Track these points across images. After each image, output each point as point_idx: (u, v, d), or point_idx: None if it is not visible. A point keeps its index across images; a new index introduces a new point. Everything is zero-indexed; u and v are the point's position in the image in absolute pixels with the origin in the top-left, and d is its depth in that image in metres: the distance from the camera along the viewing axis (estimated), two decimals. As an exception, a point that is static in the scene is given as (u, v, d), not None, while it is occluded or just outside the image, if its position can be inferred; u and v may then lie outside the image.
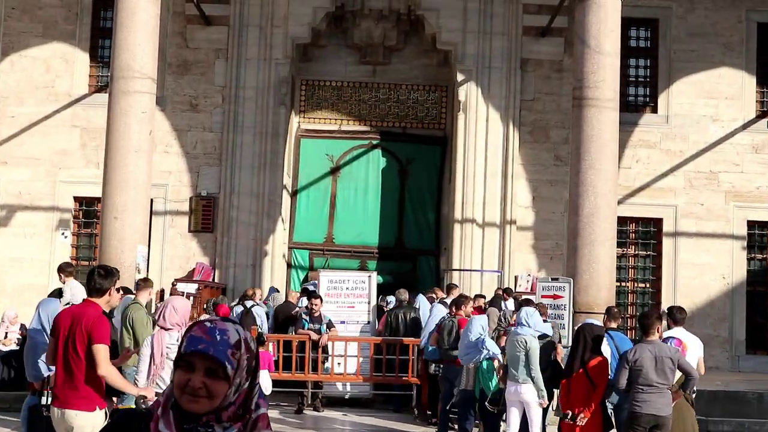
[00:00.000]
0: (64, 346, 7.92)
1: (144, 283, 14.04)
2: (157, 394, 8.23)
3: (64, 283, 13.95)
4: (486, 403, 12.88)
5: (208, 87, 23.11)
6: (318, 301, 17.61)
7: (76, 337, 7.83)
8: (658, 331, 10.97)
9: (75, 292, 13.50)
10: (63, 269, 14.32)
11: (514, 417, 12.37)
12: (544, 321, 13.91)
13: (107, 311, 9.65)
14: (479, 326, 13.78)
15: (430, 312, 17.60)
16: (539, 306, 14.90)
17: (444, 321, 15.14)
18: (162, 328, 8.90)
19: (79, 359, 7.81)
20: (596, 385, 10.92)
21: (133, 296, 13.74)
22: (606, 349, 12.11)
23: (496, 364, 13.15)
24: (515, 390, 11.95)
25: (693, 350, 12.25)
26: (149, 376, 8.84)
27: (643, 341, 10.80)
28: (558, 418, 12.09)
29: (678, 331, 12.11)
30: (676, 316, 12.30)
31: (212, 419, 2.96)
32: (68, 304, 12.87)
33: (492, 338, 13.84)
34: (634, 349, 10.75)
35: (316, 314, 17.61)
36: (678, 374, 10.85)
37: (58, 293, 13.40)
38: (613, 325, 13.00)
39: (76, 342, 7.83)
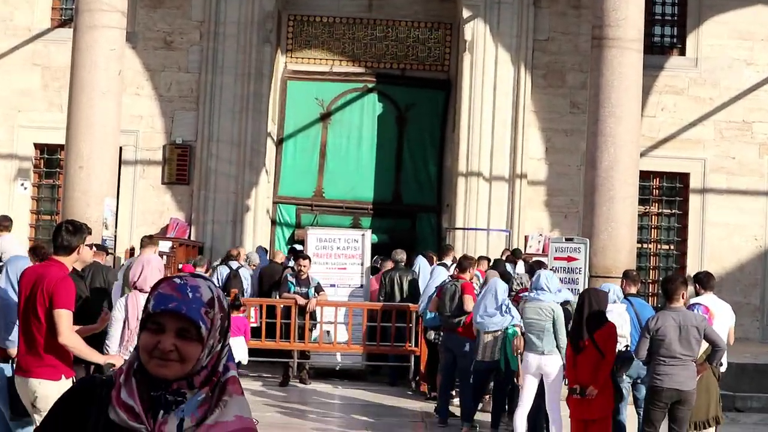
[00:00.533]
0: (25, 309, 7.90)
1: (149, 240, 14.28)
2: None
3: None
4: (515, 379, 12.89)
5: (185, 22, 22.98)
6: (306, 261, 17.62)
7: (37, 299, 7.79)
8: (683, 297, 11.00)
9: (6, 248, 13.54)
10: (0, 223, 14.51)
11: (530, 390, 12.35)
12: None
13: (79, 270, 9.66)
14: (503, 290, 13.84)
15: (431, 275, 17.61)
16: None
17: (445, 285, 15.07)
18: (137, 289, 8.89)
19: (41, 324, 7.78)
20: (605, 354, 10.91)
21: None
22: (625, 316, 12.14)
23: (518, 331, 13.18)
24: (537, 362, 11.86)
25: (722, 319, 12.29)
26: (122, 342, 8.84)
27: (667, 308, 10.86)
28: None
29: (706, 298, 12.12)
30: (703, 281, 12.27)
31: (183, 385, 2.93)
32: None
33: None
34: (656, 317, 10.79)
35: (304, 276, 17.64)
36: (704, 345, 10.90)
37: None
38: (633, 290, 13.00)
39: (36, 305, 7.79)
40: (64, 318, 7.73)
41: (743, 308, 22.93)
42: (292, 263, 18.91)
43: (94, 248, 12.92)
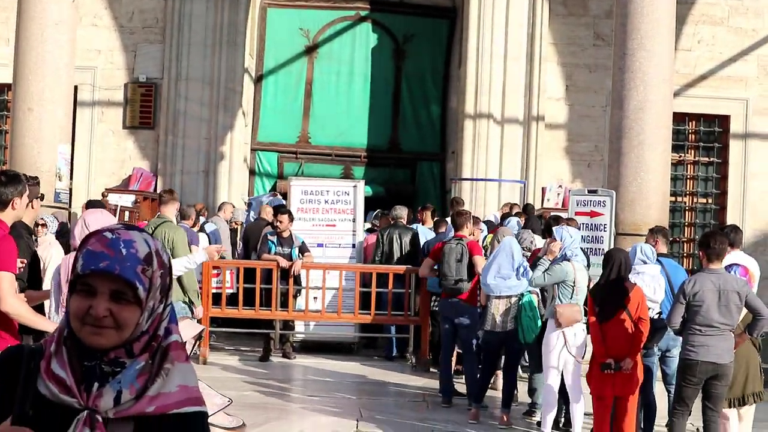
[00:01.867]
0: None
1: (170, 195, 14.36)
2: None
3: None
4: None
5: (148, -60, 22.90)
6: (285, 217, 17.57)
7: None
8: (720, 258, 10.92)
9: None
10: None
11: (554, 365, 12.40)
12: None
13: (29, 226, 9.60)
14: (519, 250, 13.83)
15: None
16: (570, 222, 15.02)
17: (450, 244, 15.00)
18: (75, 249, 8.87)
19: None
20: (639, 321, 11.04)
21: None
22: (659, 280, 12.14)
23: (535, 299, 13.23)
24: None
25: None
26: (58, 308, 8.83)
27: (705, 270, 10.82)
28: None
29: (734, 257, 11.99)
30: (731, 236, 12.14)
31: (121, 353, 2.90)
32: None
33: None
34: (693, 280, 10.79)
35: (286, 235, 17.63)
36: (743, 313, 10.94)
37: None
38: (664, 249, 12.96)
39: None
40: (5, 282, 7.68)
41: (791, 270, 23.05)
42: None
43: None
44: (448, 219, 17.95)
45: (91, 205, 13.99)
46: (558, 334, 12.21)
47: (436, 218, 19.17)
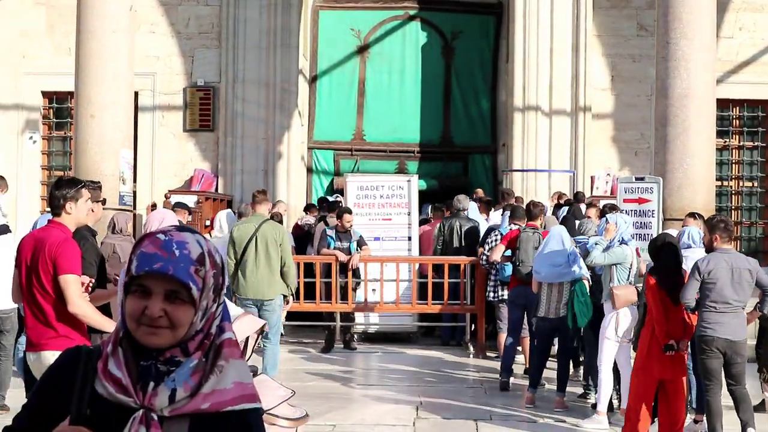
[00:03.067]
0: (28, 279, 7.90)
1: (263, 195, 14.45)
2: None
3: None
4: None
5: (202, -51, 22.99)
6: (350, 216, 17.71)
7: (40, 267, 7.80)
8: (729, 238, 11.33)
9: None
10: None
11: (610, 348, 12.41)
12: None
13: (91, 228, 9.64)
14: (569, 238, 13.83)
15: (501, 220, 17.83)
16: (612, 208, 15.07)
17: (527, 233, 14.96)
18: None
19: (47, 294, 7.80)
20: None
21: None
22: None
23: (586, 284, 13.20)
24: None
25: None
26: None
27: (718, 250, 11.05)
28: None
29: None
30: (717, 225, 12.19)
31: (177, 353, 2.91)
32: None
33: None
34: (707, 259, 11.00)
35: (345, 229, 17.68)
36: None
37: None
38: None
39: (40, 273, 7.80)
40: (71, 284, 7.73)
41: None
42: (311, 219, 19.14)
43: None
44: (495, 208, 18.02)
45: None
46: (613, 316, 12.21)
47: (478, 205, 19.29)
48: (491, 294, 16.44)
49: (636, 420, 11.13)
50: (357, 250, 17.71)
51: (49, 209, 8.48)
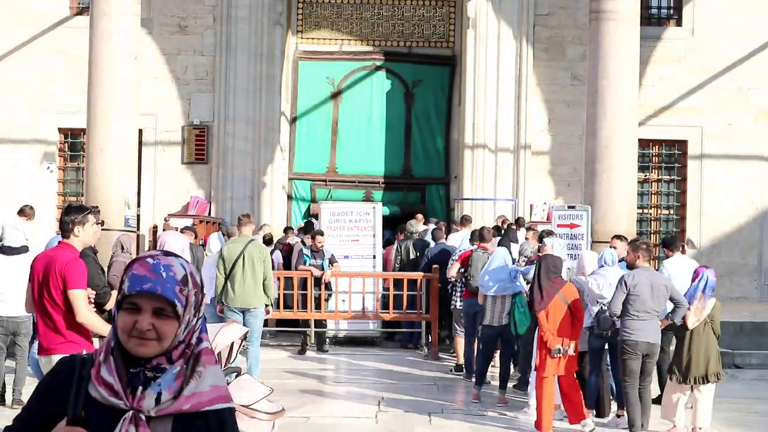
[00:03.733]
0: (39, 292, 7.92)
1: (247, 218, 14.40)
2: None
3: (18, 219, 14.83)
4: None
5: (198, 7, 22.95)
6: (323, 238, 17.76)
7: (51, 282, 7.83)
8: (647, 258, 11.62)
9: (6, 226, 13.86)
10: (20, 212, 16.01)
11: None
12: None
13: (93, 247, 9.64)
14: (510, 257, 13.99)
15: (440, 239, 18.19)
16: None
17: (478, 253, 14.98)
18: None
19: (57, 306, 7.83)
20: (577, 310, 11.39)
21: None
22: (611, 280, 12.13)
23: (525, 297, 13.32)
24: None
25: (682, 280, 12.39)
26: None
27: (641, 268, 11.35)
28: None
29: (675, 260, 12.55)
30: (669, 243, 12.45)
31: (162, 360, 2.93)
32: (4, 243, 13.27)
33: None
34: (632, 275, 11.22)
35: (318, 248, 17.74)
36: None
37: None
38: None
39: (51, 287, 7.83)
40: (79, 298, 7.76)
41: (741, 269, 23.01)
42: (295, 239, 19.18)
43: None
44: (455, 232, 18.08)
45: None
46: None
47: (433, 229, 19.30)
48: (456, 304, 16.38)
49: (541, 411, 11.38)
50: (329, 266, 17.74)
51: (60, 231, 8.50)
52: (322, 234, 17.97)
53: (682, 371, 11.17)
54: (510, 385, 13.73)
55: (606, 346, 12.33)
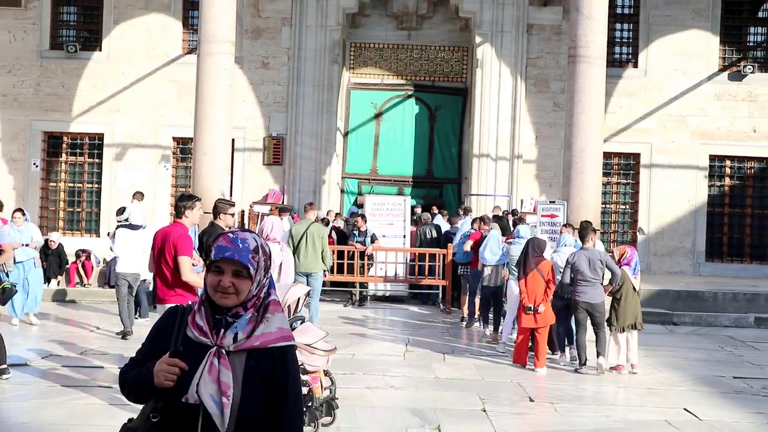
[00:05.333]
0: (158, 257, 8.10)
1: (310, 206, 14.33)
2: None
3: (133, 201, 15.17)
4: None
5: (277, 49, 23.08)
6: (360, 220, 18.11)
7: (166, 250, 8.01)
8: (591, 240, 11.81)
9: (134, 212, 14.14)
10: (134, 196, 16.57)
11: (515, 304, 12.79)
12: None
13: (196, 226, 9.79)
14: (501, 238, 14.30)
15: (453, 225, 18.53)
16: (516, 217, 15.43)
17: (486, 234, 15.10)
18: (268, 239, 9.38)
19: (169, 267, 8.01)
20: (549, 281, 11.53)
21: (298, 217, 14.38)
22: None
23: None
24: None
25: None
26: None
27: (581, 249, 11.73)
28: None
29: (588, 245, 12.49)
30: (584, 232, 12.26)
31: (240, 309, 2.95)
32: (126, 220, 13.58)
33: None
34: (574, 255, 11.62)
35: (363, 229, 17.87)
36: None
37: (121, 210, 14.22)
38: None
39: (165, 254, 8.01)
40: (185, 262, 7.92)
41: (679, 251, 22.94)
42: (340, 223, 19.44)
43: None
44: (462, 218, 18.14)
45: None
46: (515, 287, 12.61)
47: (448, 217, 19.52)
48: (461, 270, 16.49)
49: (520, 348, 11.78)
50: (371, 243, 17.87)
51: (175, 213, 8.69)
52: (364, 219, 18.12)
53: (618, 322, 11.45)
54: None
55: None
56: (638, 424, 8.60)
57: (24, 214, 14.16)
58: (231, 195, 19.60)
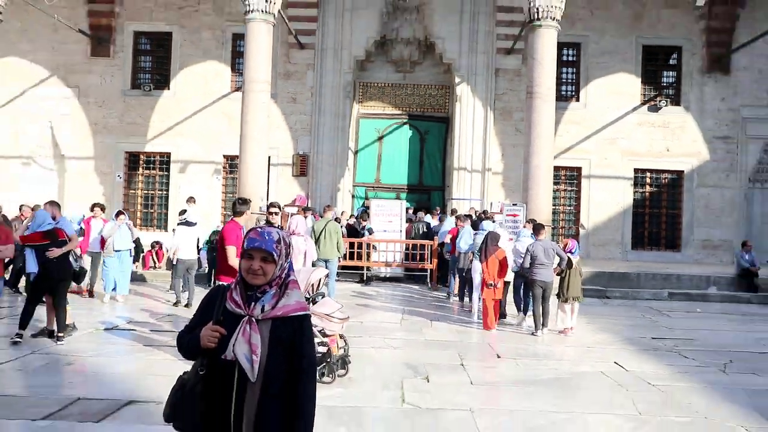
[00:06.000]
0: (219, 246, 8.14)
1: (328, 207, 14.30)
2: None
3: (188, 204, 15.19)
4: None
5: (303, 87, 23.06)
6: (366, 215, 18.11)
7: (220, 241, 8.04)
8: (543, 234, 11.91)
9: (191, 212, 14.18)
10: (188, 200, 16.46)
11: (478, 279, 12.87)
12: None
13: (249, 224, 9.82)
14: (472, 231, 14.24)
15: (441, 222, 18.43)
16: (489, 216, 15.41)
17: (461, 229, 15.17)
18: (293, 233, 9.34)
19: (222, 255, 8.04)
20: (503, 264, 11.72)
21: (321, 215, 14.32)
22: (526, 245, 12.32)
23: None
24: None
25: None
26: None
27: (537, 240, 11.79)
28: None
29: (540, 238, 12.28)
30: (538, 228, 12.28)
31: (266, 288, 2.95)
32: (185, 219, 13.56)
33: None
34: (533, 244, 11.69)
35: (363, 224, 17.98)
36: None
37: (183, 212, 14.28)
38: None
39: (218, 245, 8.03)
40: (231, 250, 7.92)
41: (611, 242, 22.91)
42: (351, 220, 19.23)
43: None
44: (448, 217, 18.13)
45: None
46: (477, 265, 12.70)
47: (437, 216, 19.46)
48: (447, 256, 16.50)
49: (485, 318, 11.74)
50: (368, 234, 17.93)
51: (232, 215, 8.71)
52: (365, 217, 18.17)
53: (564, 295, 11.49)
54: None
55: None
56: (580, 375, 8.63)
57: (124, 215, 14.28)
58: (268, 199, 19.63)
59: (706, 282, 17.68)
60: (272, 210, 10.15)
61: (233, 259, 7.93)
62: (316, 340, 7.75)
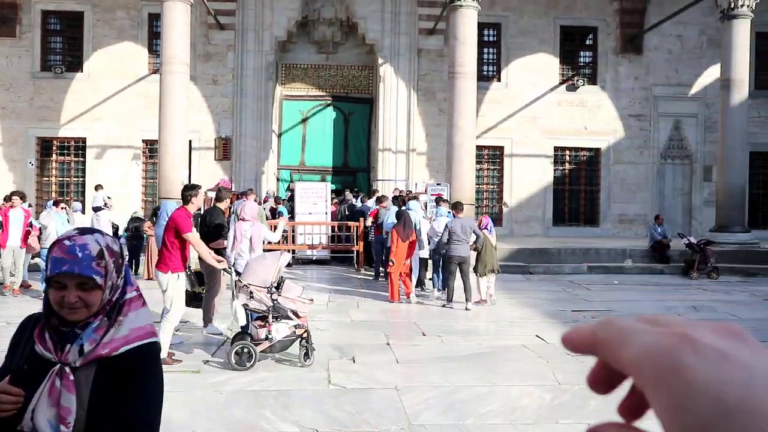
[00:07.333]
0: (166, 233, 7.97)
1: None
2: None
3: (96, 191, 14.67)
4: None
5: (224, 69, 22.61)
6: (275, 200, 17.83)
7: (170, 232, 7.89)
8: (462, 212, 12.22)
9: (97, 199, 13.73)
10: (96, 187, 15.15)
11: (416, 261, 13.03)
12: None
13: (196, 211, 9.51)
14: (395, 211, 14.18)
15: (363, 203, 18.19)
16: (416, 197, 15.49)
17: (382, 210, 15.18)
18: (241, 219, 9.17)
19: (169, 242, 7.87)
20: (411, 245, 12.20)
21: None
22: (442, 223, 12.63)
23: None
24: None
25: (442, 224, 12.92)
26: (233, 250, 9.05)
27: (456, 218, 12.07)
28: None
29: (460, 216, 12.51)
30: (455, 206, 12.52)
31: (90, 318, 1.97)
32: (94, 206, 13.07)
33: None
34: (451, 221, 11.96)
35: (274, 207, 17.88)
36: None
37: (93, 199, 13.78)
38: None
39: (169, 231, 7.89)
40: (193, 236, 7.81)
41: (534, 218, 23.46)
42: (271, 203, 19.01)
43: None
44: (370, 199, 18.14)
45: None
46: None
47: (361, 197, 19.44)
48: (371, 239, 16.52)
49: (392, 290, 12.27)
50: (279, 218, 17.89)
51: (173, 198, 8.49)
52: (278, 201, 18.13)
53: (481, 269, 11.80)
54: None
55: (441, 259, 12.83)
56: (504, 348, 8.83)
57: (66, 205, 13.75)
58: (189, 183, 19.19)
59: (622, 255, 18.33)
60: (225, 196, 9.88)
61: (200, 246, 7.74)
62: (290, 322, 7.65)
